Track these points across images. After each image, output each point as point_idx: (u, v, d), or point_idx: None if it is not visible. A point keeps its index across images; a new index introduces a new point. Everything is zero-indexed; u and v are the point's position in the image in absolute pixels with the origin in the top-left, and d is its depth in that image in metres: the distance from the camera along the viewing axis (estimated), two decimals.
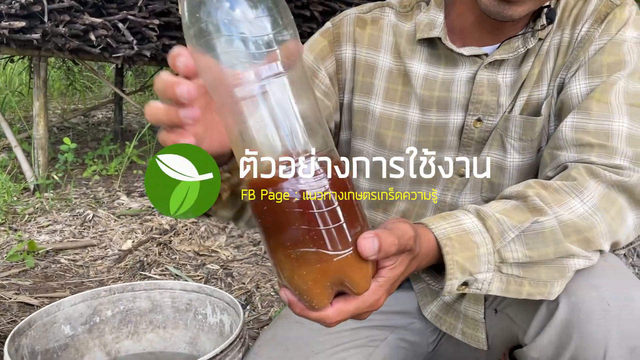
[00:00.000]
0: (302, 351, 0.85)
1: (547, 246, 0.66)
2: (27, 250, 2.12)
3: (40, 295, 1.86)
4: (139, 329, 1.06)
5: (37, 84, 2.87)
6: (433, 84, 0.85)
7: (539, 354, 0.71)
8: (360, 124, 0.89)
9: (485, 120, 0.84)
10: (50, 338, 0.95)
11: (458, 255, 0.63)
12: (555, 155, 0.78)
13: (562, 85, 0.82)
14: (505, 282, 0.65)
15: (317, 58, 0.88)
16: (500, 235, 0.66)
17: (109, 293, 1.03)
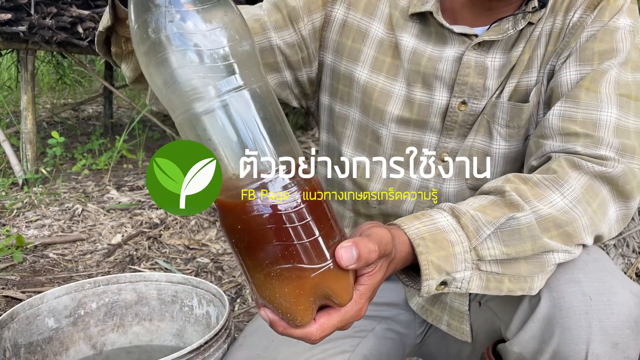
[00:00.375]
0: (288, 341, 0.84)
1: (523, 242, 0.65)
2: (15, 245, 2.10)
3: (28, 289, 1.85)
4: (125, 322, 1.05)
5: (24, 77, 2.84)
6: (420, 58, 0.84)
7: (521, 349, 0.70)
8: (346, 89, 0.88)
9: (470, 103, 0.83)
10: (33, 331, 0.94)
11: (432, 255, 0.62)
12: (540, 144, 0.77)
13: (552, 72, 0.80)
14: (484, 279, 0.64)
15: (306, 6, 0.86)
16: (475, 232, 0.65)
17: (93, 285, 1.02)
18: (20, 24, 2.52)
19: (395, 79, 0.86)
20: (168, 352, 0.98)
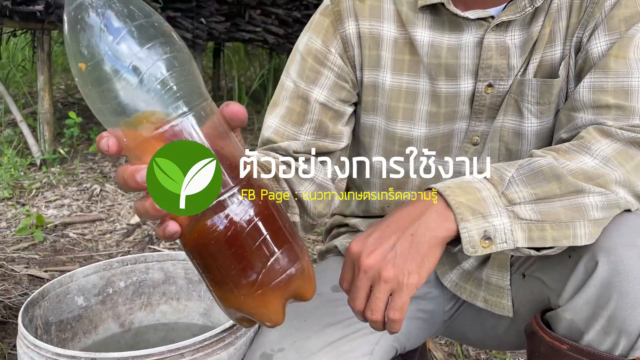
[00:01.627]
0: (321, 321, 0.84)
1: (549, 182, 0.65)
2: (35, 224, 2.12)
3: (50, 268, 1.86)
4: (152, 301, 1.05)
5: (41, 57, 2.84)
6: (439, 51, 0.83)
7: (573, 315, 0.69)
8: (370, 98, 0.87)
9: (496, 85, 0.82)
10: (63, 309, 0.94)
11: (461, 197, 0.63)
12: (571, 117, 0.76)
13: (579, 44, 0.79)
14: (526, 230, 0.63)
15: (325, 40, 0.85)
16: (499, 179, 0.65)
17: (121, 264, 1.02)
18: (37, 3, 2.51)
19: (418, 76, 0.85)
20: (195, 331, 0.99)
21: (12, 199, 2.42)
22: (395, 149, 0.88)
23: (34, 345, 0.74)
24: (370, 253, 0.63)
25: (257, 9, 3.38)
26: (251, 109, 3.85)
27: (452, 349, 1.43)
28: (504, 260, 0.85)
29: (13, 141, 2.98)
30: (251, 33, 3.37)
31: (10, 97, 3.09)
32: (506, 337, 0.90)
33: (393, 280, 0.62)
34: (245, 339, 0.82)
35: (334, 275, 0.95)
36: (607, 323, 0.66)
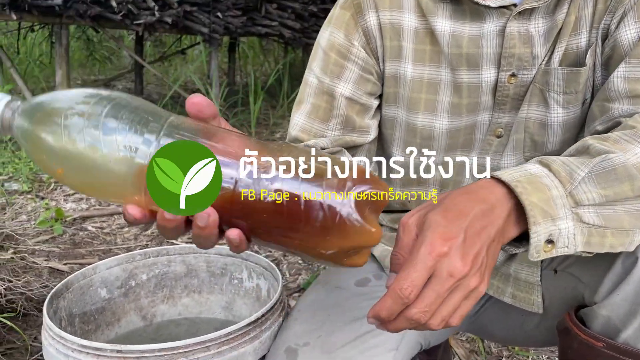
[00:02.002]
0: (344, 316, 0.83)
1: (621, 182, 0.60)
2: (54, 217, 2.13)
3: (70, 261, 1.87)
4: (174, 294, 1.05)
5: (59, 52, 2.86)
6: (460, 41, 0.81)
7: (610, 312, 0.67)
8: (392, 90, 0.86)
9: (520, 74, 0.80)
10: (87, 301, 0.94)
11: (533, 197, 0.57)
12: (606, 107, 0.74)
13: (606, 32, 0.77)
14: (587, 234, 0.59)
15: (347, 33, 0.84)
16: (569, 177, 0.60)
17: (144, 257, 1.01)
18: None
19: (440, 66, 0.83)
20: (217, 325, 0.98)
21: (31, 192, 2.44)
22: (416, 142, 0.86)
23: (60, 337, 0.74)
24: (465, 259, 0.54)
25: (273, 3, 3.37)
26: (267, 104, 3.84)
27: (473, 346, 1.41)
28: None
29: None
30: (267, 27, 3.36)
31: (29, 92, 3.11)
32: (535, 333, 0.88)
33: (478, 289, 0.56)
34: (270, 332, 0.81)
35: (357, 270, 0.94)
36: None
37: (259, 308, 0.82)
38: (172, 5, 2.85)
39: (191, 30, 3.18)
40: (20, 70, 4.10)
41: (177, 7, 2.86)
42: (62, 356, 0.73)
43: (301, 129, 0.84)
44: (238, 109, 3.78)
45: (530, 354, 1.38)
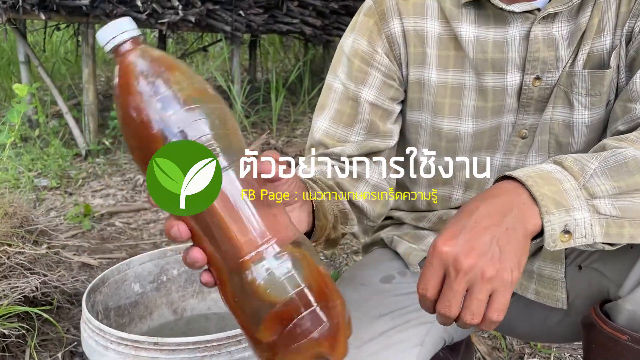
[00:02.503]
0: (371, 312, 0.85)
1: (632, 175, 0.62)
2: (83, 213, 2.19)
3: (99, 256, 1.93)
4: (204, 289, 1.08)
5: (85, 51, 2.92)
6: (485, 46, 0.82)
7: (635, 306, 0.69)
8: (416, 95, 0.87)
9: (544, 77, 0.81)
10: (121, 295, 0.98)
11: (544, 189, 0.60)
12: (628, 108, 0.75)
13: (630, 34, 0.78)
14: (604, 225, 0.61)
15: (370, 40, 0.86)
16: (581, 171, 0.62)
17: (175, 253, 1.05)
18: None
19: (464, 71, 0.84)
20: None
21: (59, 188, 2.51)
22: (442, 145, 0.88)
23: (99, 329, 0.78)
24: (468, 253, 0.58)
25: (294, 1, 3.39)
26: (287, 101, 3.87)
27: (495, 343, 1.43)
28: (558, 253, 0.85)
29: (59, 132, 3.08)
30: (288, 25, 3.38)
31: (56, 90, 3.18)
32: (558, 329, 0.89)
33: (497, 279, 0.57)
34: None
35: (381, 267, 0.96)
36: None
37: None
38: (195, 4, 2.89)
39: (214, 29, 3.22)
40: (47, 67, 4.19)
41: (200, 5, 2.90)
42: (102, 348, 0.77)
43: (325, 133, 0.86)
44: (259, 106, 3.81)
45: (552, 351, 1.39)
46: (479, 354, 1.38)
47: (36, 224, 1.36)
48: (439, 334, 0.89)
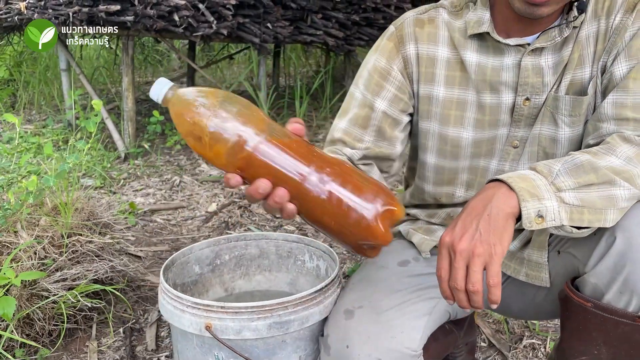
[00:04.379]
0: (389, 288, 1.06)
1: (587, 173, 0.83)
2: (128, 210, 2.42)
3: (144, 248, 2.15)
4: (250, 271, 1.29)
5: (125, 61, 3.16)
6: (485, 70, 1.02)
7: (597, 280, 0.88)
8: (426, 107, 1.07)
9: (532, 98, 1.01)
10: (185, 274, 1.20)
11: (520, 184, 0.80)
12: (597, 126, 0.95)
13: (604, 67, 0.97)
14: (569, 212, 0.81)
15: (389, 59, 1.06)
16: (549, 172, 0.83)
17: (227, 241, 1.26)
18: (126, 13, 2.82)
19: (467, 89, 1.04)
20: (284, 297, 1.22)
21: (103, 187, 2.75)
22: (447, 149, 1.08)
23: (177, 297, 0.99)
24: (460, 238, 0.78)
25: (318, 14, 3.60)
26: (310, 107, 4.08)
27: (499, 327, 1.61)
28: (543, 242, 1.04)
29: (99, 136, 3.33)
30: (312, 36, 3.59)
31: (97, 97, 3.43)
32: (544, 305, 1.08)
33: (484, 254, 0.77)
34: (331, 299, 1.04)
35: (398, 253, 1.16)
36: (622, 285, 0.85)
37: (319, 284, 1.05)
38: (227, 18, 3.11)
39: (243, 40, 3.44)
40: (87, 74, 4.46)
41: (232, 19, 3.13)
42: (179, 311, 0.98)
43: (344, 131, 1.08)
44: (284, 112, 4.03)
45: (549, 334, 1.57)
46: (484, 336, 1.57)
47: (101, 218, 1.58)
48: (445, 308, 1.09)
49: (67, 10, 2.74)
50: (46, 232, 1.47)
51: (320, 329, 1.04)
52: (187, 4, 2.91)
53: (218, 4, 3.04)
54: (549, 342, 1.54)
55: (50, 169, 1.89)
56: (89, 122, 1.55)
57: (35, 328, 1.41)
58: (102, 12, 2.74)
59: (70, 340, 1.51)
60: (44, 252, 1.43)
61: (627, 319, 0.85)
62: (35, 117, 4.05)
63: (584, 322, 0.91)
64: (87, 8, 2.74)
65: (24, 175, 2.60)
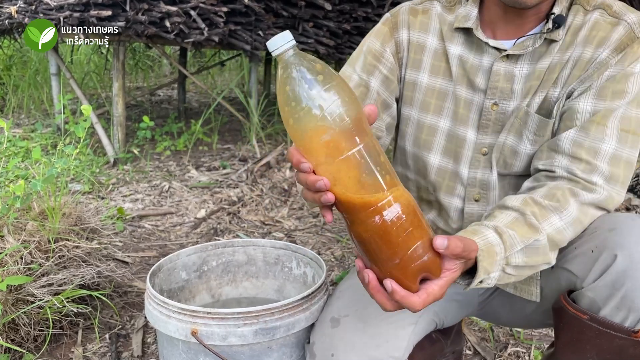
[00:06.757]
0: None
1: (538, 256, 0.89)
2: (116, 215, 2.41)
3: (132, 254, 2.14)
4: (237, 278, 1.30)
5: (116, 66, 3.15)
6: (465, 64, 1.04)
7: (594, 294, 0.89)
8: (409, 93, 1.09)
9: (500, 104, 1.02)
10: (172, 280, 1.20)
11: (485, 262, 0.84)
12: (551, 155, 0.96)
13: (571, 93, 0.98)
14: (501, 278, 0.87)
15: (383, 42, 1.10)
16: (510, 247, 0.86)
17: (214, 247, 1.26)
18: (118, 19, 2.82)
19: (450, 80, 1.07)
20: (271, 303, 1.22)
21: (92, 192, 2.73)
22: (422, 138, 1.09)
23: (163, 302, 0.99)
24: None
25: (309, 22, 3.62)
26: None
27: (484, 335, 1.62)
28: None
29: (88, 141, 3.32)
30: (304, 44, 3.61)
31: (87, 101, 3.43)
32: (533, 316, 1.09)
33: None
34: (318, 306, 1.05)
35: None
36: (620, 301, 0.86)
37: (305, 291, 1.05)
38: (219, 25, 3.12)
39: (235, 47, 3.45)
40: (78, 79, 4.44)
41: (223, 26, 3.14)
42: (165, 317, 0.98)
43: None
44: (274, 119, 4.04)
45: (533, 342, 1.59)
46: (470, 344, 1.58)
47: (88, 223, 1.58)
48: (431, 317, 1.10)
49: (58, 15, 2.74)
50: (33, 237, 1.47)
51: (306, 336, 1.05)
52: (179, 11, 2.92)
53: (210, 11, 3.05)
54: (533, 350, 1.55)
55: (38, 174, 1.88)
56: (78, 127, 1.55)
57: (21, 333, 1.40)
58: (93, 18, 2.74)
59: (55, 346, 1.50)
60: (30, 257, 1.42)
61: (623, 333, 0.87)
62: (24, 121, 4.03)
63: (579, 334, 0.93)
64: (79, 13, 2.74)
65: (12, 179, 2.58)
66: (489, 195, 1.06)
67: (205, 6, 3.01)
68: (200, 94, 5.46)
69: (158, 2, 2.90)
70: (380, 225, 0.72)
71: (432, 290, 0.77)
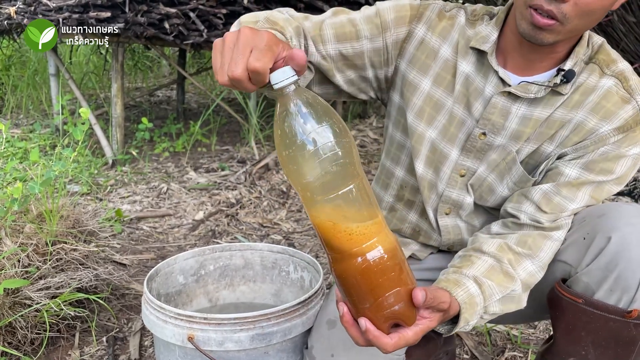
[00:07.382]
0: None
1: (513, 303, 0.96)
2: (114, 217, 2.41)
3: (129, 256, 2.14)
4: (234, 282, 1.30)
5: (115, 67, 3.15)
6: (469, 85, 1.02)
7: (588, 278, 0.93)
8: (409, 94, 1.07)
9: (488, 135, 1.02)
10: (169, 284, 1.20)
11: (467, 313, 0.88)
12: (521, 200, 1.00)
13: (563, 155, 0.99)
14: (478, 322, 0.92)
15: (395, 20, 1.03)
16: (489, 297, 0.92)
17: (212, 251, 1.27)
18: (117, 21, 2.82)
19: (451, 95, 1.04)
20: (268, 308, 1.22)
21: (90, 194, 2.73)
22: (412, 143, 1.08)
23: (160, 307, 0.99)
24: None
25: None
26: None
27: (481, 339, 1.63)
28: None
29: (86, 142, 3.31)
30: None
31: (85, 102, 3.43)
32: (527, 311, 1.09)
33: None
34: (314, 310, 1.05)
35: None
36: (614, 283, 0.89)
37: (303, 295, 1.06)
38: (218, 27, 3.12)
39: None
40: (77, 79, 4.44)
41: (223, 28, 3.14)
42: (162, 322, 0.99)
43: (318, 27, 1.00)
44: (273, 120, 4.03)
45: (530, 346, 1.59)
46: (467, 348, 1.58)
47: (86, 226, 1.58)
48: None
49: (57, 16, 2.74)
50: (30, 240, 1.47)
51: (303, 341, 1.05)
52: (178, 12, 2.92)
53: (209, 12, 3.05)
54: (531, 355, 1.55)
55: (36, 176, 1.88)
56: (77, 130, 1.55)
57: (18, 336, 1.40)
58: (92, 19, 2.74)
59: (52, 349, 1.50)
60: (27, 260, 1.42)
61: (617, 315, 0.90)
62: (22, 121, 4.03)
63: (574, 320, 0.96)
64: (77, 14, 2.74)
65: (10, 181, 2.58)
66: (459, 212, 1.10)
67: (204, 8, 3.02)
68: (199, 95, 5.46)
69: (157, 4, 2.90)
70: (360, 267, 0.74)
71: (405, 334, 0.80)
